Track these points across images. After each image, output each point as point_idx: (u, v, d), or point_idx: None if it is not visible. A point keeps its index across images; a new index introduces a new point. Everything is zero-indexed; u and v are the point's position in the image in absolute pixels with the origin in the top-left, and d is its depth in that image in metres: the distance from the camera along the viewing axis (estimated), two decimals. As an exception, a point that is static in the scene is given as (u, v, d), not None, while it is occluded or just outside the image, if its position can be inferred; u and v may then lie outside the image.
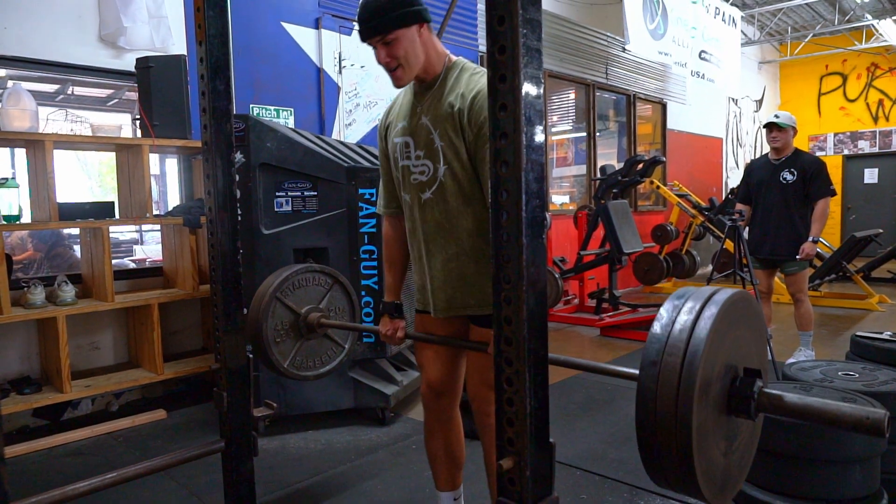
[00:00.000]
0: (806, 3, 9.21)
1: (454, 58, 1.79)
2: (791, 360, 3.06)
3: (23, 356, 3.45)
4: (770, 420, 1.91)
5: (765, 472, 1.95)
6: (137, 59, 3.55)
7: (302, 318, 2.25)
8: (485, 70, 1.64)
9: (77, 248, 4.24)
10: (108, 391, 3.52)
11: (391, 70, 1.71)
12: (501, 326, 1.16)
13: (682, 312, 1.13)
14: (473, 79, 1.71)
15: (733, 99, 10.54)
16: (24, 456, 3.01)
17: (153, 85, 3.50)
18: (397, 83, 1.76)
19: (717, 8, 8.37)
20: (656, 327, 1.14)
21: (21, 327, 3.42)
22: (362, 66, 5.02)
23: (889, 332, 2.77)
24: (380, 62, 1.70)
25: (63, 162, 3.29)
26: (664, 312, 1.14)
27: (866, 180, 11.10)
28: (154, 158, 5.00)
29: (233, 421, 1.98)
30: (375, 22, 1.63)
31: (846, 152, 11.25)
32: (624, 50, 7.55)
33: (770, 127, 4.17)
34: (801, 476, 1.87)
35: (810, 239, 4.03)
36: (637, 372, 1.16)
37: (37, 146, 3.21)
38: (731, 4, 8.78)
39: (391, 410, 3.34)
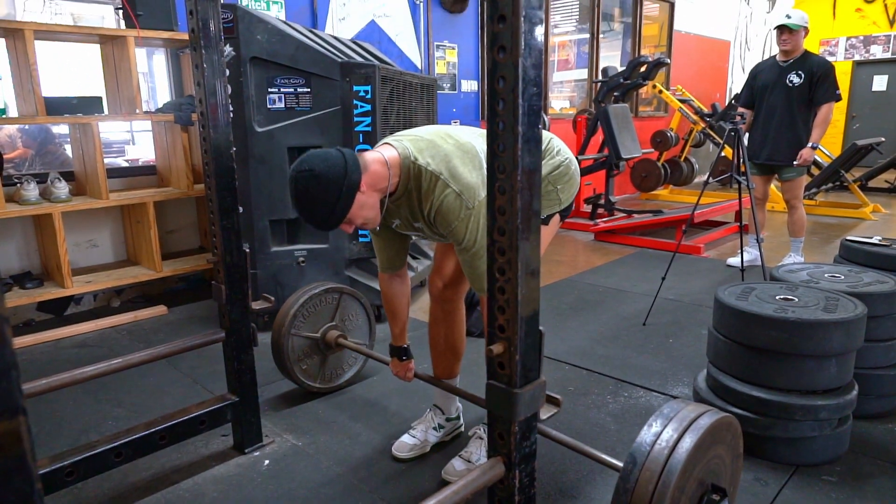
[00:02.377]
0: None
1: (393, 159, 1.68)
2: (780, 264, 3.11)
3: (21, 252, 3.48)
4: (755, 318, 1.97)
5: (746, 365, 2.03)
6: (116, -58, 3.34)
7: (321, 340, 2.51)
8: (431, 176, 1.65)
9: (68, 147, 4.16)
10: (108, 287, 3.58)
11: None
12: (495, 217, 1.17)
13: (666, 430, 1.26)
14: (425, 202, 1.68)
15: (745, -2, 10.07)
16: (32, 347, 3.11)
17: (134, -29, 3.31)
18: (372, 229, 1.81)
19: None
20: (642, 440, 1.26)
21: (17, 223, 3.43)
22: (356, -45, 4.74)
23: (879, 237, 2.80)
24: (349, 233, 1.64)
25: (44, 58, 3.15)
26: (652, 427, 1.28)
27: (874, 87, 10.80)
28: (141, 55, 4.80)
29: (232, 312, 2.04)
30: (326, 226, 1.62)
31: (857, 57, 10.87)
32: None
33: (781, 29, 4.02)
34: (781, 369, 1.95)
35: (809, 145, 3.98)
36: (621, 465, 1.29)
37: (17, 36, 3.09)
38: None
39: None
